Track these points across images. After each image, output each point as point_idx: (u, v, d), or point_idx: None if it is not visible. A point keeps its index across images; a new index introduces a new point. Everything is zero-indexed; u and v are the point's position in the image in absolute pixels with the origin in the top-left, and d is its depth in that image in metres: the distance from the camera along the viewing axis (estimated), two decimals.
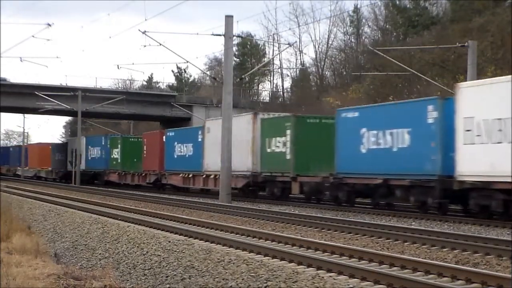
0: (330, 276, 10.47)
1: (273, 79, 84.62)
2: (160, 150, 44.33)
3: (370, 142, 26.15)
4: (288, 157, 31.14)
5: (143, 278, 12.55)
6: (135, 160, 48.30)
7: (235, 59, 74.13)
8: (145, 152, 47.21)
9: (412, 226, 19.15)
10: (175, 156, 42.15)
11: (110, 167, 53.82)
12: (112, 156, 53.57)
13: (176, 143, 42.33)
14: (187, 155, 40.68)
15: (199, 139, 38.69)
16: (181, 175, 40.70)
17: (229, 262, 11.80)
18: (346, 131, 27.58)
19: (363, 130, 26.57)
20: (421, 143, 23.63)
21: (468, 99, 21.62)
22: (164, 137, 44.52)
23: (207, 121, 39.46)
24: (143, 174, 47.16)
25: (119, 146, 52.28)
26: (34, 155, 74.73)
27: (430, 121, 23.31)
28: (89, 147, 59.57)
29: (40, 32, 68.32)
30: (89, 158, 59.21)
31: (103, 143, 56.18)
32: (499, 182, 20.13)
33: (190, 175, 39.52)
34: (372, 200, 26.96)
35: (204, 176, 37.48)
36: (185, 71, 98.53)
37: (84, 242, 17.08)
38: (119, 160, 52.04)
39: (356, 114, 27.66)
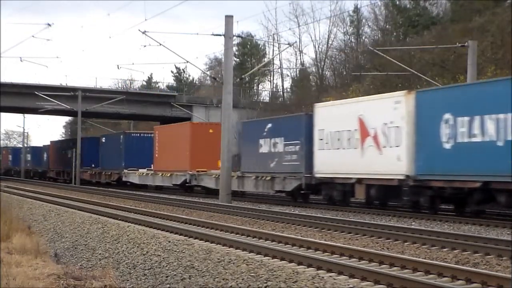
0: (330, 276, 10.46)
1: (273, 79, 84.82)
2: None
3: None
4: None
5: (143, 278, 12.55)
6: None
7: (235, 59, 74.22)
8: None
9: (412, 226, 19.15)
10: None
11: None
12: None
13: None
14: None
15: None
16: None
17: (229, 262, 11.80)
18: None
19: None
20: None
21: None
22: None
23: None
24: None
25: None
26: (170, 148, 42.36)
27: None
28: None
29: (40, 32, 68.79)
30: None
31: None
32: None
33: None
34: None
35: None
36: (183, 71, 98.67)
37: (84, 242, 17.08)
38: None
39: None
